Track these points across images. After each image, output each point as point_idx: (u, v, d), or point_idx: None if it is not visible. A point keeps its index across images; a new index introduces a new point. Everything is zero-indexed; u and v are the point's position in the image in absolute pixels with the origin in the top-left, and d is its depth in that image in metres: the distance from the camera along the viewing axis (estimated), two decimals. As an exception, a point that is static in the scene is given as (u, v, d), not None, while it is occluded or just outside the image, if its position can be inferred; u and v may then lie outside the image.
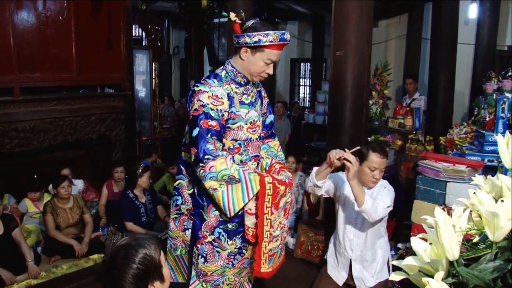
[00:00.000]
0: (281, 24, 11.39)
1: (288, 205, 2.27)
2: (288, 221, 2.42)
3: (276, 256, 2.27)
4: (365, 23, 3.59)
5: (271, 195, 2.12)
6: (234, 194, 2.07)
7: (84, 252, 4.16)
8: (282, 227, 2.25)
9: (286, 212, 2.27)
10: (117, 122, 5.48)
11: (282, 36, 2.13)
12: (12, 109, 4.58)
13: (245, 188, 2.08)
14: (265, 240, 2.17)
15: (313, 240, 3.92)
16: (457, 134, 4.08)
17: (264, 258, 2.21)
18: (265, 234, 2.16)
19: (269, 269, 2.25)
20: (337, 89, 3.69)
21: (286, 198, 2.22)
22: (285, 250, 2.47)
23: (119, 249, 1.58)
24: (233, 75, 2.24)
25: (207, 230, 2.27)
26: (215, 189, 2.06)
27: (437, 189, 3.19)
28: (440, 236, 0.90)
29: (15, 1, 4.51)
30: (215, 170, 2.04)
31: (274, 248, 2.23)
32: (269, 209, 2.13)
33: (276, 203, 2.16)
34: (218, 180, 2.05)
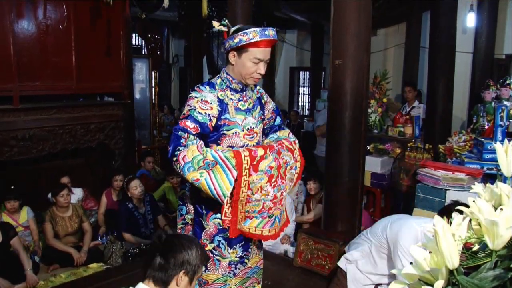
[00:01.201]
0: (280, 32, 11.44)
1: (274, 171, 2.14)
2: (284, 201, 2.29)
3: (254, 221, 2.15)
4: (363, 32, 3.60)
5: (248, 157, 2.06)
6: (217, 178, 1.99)
7: (83, 261, 4.15)
8: (265, 193, 2.13)
9: (271, 180, 2.13)
10: (116, 130, 5.48)
11: (262, 33, 2.10)
12: (12, 118, 4.59)
13: (225, 167, 2.00)
14: (241, 200, 2.09)
15: (313, 249, 3.90)
16: (456, 142, 4.09)
17: (240, 217, 2.14)
18: (242, 195, 2.07)
19: (246, 229, 2.15)
20: (336, 98, 3.70)
21: (267, 161, 2.11)
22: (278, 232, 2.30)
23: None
24: (228, 82, 2.24)
25: (207, 238, 2.25)
26: (197, 179, 1.98)
27: (437, 197, 3.19)
28: (440, 245, 0.90)
29: (16, 10, 4.53)
30: (188, 159, 1.98)
31: (252, 211, 2.14)
32: (246, 171, 2.05)
33: (255, 165, 2.07)
34: (196, 170, 1.97)
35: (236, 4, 4.75)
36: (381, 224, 2.78)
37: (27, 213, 4.46)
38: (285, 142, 2.28)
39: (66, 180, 4.73)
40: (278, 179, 2.17)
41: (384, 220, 2.83)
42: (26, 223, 4.41)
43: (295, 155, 2.28)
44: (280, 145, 2.22)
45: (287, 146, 2.25)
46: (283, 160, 2.19)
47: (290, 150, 2.25)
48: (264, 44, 2.12)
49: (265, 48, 2.14)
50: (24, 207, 4.47)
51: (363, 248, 2.85)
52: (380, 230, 2.74)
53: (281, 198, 2.22)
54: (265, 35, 2.10)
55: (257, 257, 2.44)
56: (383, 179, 5.04)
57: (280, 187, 2.19)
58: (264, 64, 2.18)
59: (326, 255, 3.71)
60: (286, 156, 2.21)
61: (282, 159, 2.18)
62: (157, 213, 4.73)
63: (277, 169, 2.15)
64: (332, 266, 3.63)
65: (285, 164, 2.20)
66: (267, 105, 2.46)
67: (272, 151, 2.15)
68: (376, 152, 5.26)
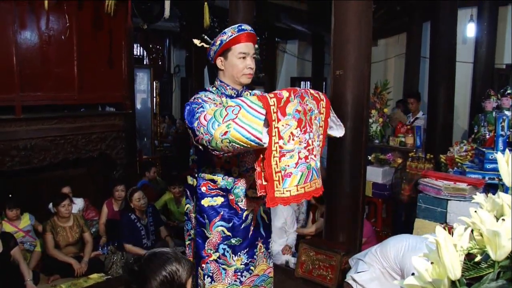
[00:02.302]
0: (281, 43, 11.50)
1: (302, 116, 1.92)
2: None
3: (294, 178, 1.90)
4: (364, 42, 3.62)
5: (274, 98, 1.86)
6: (244, 120, 1.81)
7: (84, 271, 4.13)
8: (297, 141, 1.90)
9: (301, 124, 1.91)
10: (118, 140, 5.49)
11: (239, 28, 2.16)
12: (14, 127, 4.60)
13: (248, 108, 1.83)
14: (274, 155, 1.86)
15: (314, 260, 3.89)
16: (458, 152, 4.08)
17: (277, 178, 1.89)
18: (274, 146, 1.85)
19: (285, 194, 1.90)
20: (337, 108, 3.70)
21: (293, 104, 1.90)
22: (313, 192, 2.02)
23: (157, 254, 1.62)
24: (223, 89, 2.24)
25: (210, 248, 2.22)
26: (225, 132, 1.81)
27: (438, 208, 3.18)
28: (442, 255, 0.89)
29: (19, 21, 4.56)
30: (209, 116, 1.88)
31: (289, 166, 1.89)
32: (275, 114, 1.85)
33: (282, 107, 1.86)
34: (222, 123, 1.82)
35: (237, 15, 4.79)
36: (395, 247, 2.68)
37: (29, 219, 4.49)
38: (311, 91, 2.07)
39: (67, 190, 4.73)
40: (307, 126, 1.96)
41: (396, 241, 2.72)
42: (27, 228, 4.42)
43: (320, 106, 2.06)
44: (304, 90, 2.00)
45: (312, 94, 2.03)
46: (308, 106, 1.98)
47: (315, 98, 2.04)
48: (244, 38, 2.16)
49: (247, 43, 2.17)
50: (25, 214, 4.51)
51: (374, 270, 2.79)
52: (393, 256, 2.66)
53: (313, 147, 1.98)
54: (242, 29, 2.17)
55: (264, 265, 2.41)
56: (384, 189, 5.03)
57: (310, 135, 1.97)
58: (251, 58, 2.19)
59: (328, 266, 3.69)
60: (310, 103, 2.00)
61: (306, 104, 1.96)
62: (159, 224, 4.72)
63: (304, 114, 1.94)
64: (334, 277, 3.62)
65: (310, 112, 1.99)
66: None
67: (296, 94, 1.93)
68: (377, 162, 5.26)
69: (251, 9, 4.89)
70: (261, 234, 2.36)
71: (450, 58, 5.67)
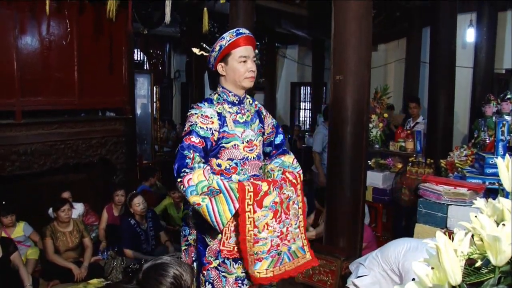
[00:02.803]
0: (281, 48, 11.52)
1: (278, 207, 2.11)
2: (291, 229, 2.21)
3: (264, 263, 2.10)
4: (364, 47, 3.63)
5: (251, 192, 2.03)
6: (219, 206, 1.98)
7: (83, 277, 4.12)
8: (271, 230, 2.10)
9: (276, 215, 2.11)
10: (118, 145, 5.50)
11: (237, 32, 2.20)
12: (14, 132, 4.60)
13: (228, 197, 2.00)
14: (248, 240, 2.05)
15: (315, 264, 3.88)
16: (458, 157, 4.08)
17: (250, 260, 2.09)
18: (248, 234, 2.04)
19: (255, 275, 2.09)
20: (337, 113, 3.71)
21: (272, 196, 2.08)
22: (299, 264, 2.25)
23: (155, 265, 1.60)
24: (225, 96, 2.26)
25: (211, 256, 2.21)
26: (198, 204, 1.97)
27: (439, 212, 3.18)
28: (442, 261, 0.89)
29: (20, 26, 4.57)
30: (193, 183, 1.98)
31: (261, 252, 2.09)
32: (250, 206, 2.03)
33: (259, 201, 2.05)
34: (199, 194, 1.97)
35: (237, 20, 4.80)
36: (395, 250, 2.67)
37: (23, 229, 4.42)
38: (289, 176, 2.24)
39: (67, 195, 4.72)
40: (283, 215, 2.15)
41: (397, 244, 2.71)
42: (21, 238, 4.36)
43: (297, 190, 2.23)
44: (283, 180, 2.18)
45: (290, 181, 2.21)
46: (285, 195, 2.16)
47: (293, 184, 2.21)
48: (243, 41, 2.19)
49: (247, 46, 2.20)
50: (21, 222, 4.42)
51: (374, 274, 2.78)
52: (393, 258, 2.65)
53: (287, 234, 2.17)
54: (240, 33, 2.20)
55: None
56: (384, 194, 5.03)
57: (285, 223, 2.16)
58: (251, 61, 2.21)
59: (328, 271, 3.69)
60: (288, 191, 2.18)
61: (283, 194, 2.14)
62: (159, 229, 4.71)
63: (281, 205, 2.13)
64: (334, 282, 3.61)
65: (287, 199, 2.17)
66: (266, 120, 2.45)
67: (276, 186, 2.12)
68: (377, 167, 5.26)
69: (251, 14, 4.91)
70: None
71: (450, 63, 5.68)
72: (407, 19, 8.18)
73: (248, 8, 4.84)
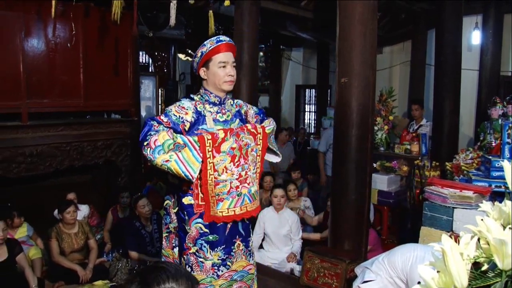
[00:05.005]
0: (286, 50, 11.52)
1: (236, 152, 2.32)
2: (254, 190, 2.44)
3: (225, 203, 2.34)
4: (369, 50, 3.62)
5: (210, 140, 2.24)
6: (186, 157, 2.15)
7: (88, 278, 4.13)
8: (230, 173, 2.32)
9: (234, 160, 2.32)
10: (123, 147, 5.51)
11: (217, 39, 2.37)
12: (20, 134, 4.63)
13: (192, 148, 2.18)
14: (209, 183, 2.28)
15: (319, 267, 3.87)
16: (463, 160, 4.06)
17: (212, 202, 2.32)
18: (209, 177, 2.27)
19: (218, 214, 2.33)
20: (343, 115, 3.70)
21: (229, 143, 2.29)
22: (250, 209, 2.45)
23: (156, 269, 1.58)
24: (207, 97, 2.45)
25: (190, 242, 2.41)
26: (167, 160, 2.13)
27: (444, 216, 3.16)
28: (448, 264, 0.89)
29: (26, 28, 4.60)
30: (159, 143, 2.14)
31: (222, 193, 2.32)
32: (210, 153, 2.25)
33: (217, 147, 2.26)
34: (166, 152, 2.13)
35: (242, 23, 4.81)
36: (402, 257, 2.61)
37: (27, 230, 4.47)
38: (248, 126, 2.43)
39: (72, 197, 4.73)
40: (241, 159, 2.36)
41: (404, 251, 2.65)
42: (24, 238, 4.39)
43: (257, 139, 2.43)
44: (240, 129, 2.38)
45: (248, 130, 2.40)
46: (243, 142, 2.36)
47: (252, 133, 2.40)
48: (223, 48, 2.37)
49: (226, 52, 2.38)
50: (24, 223, 4.48)
51: (381, 279, 2.75)
52: (400, 266, 2.62)
53: (246, 177, 2.38)
54: (220, 40, 2.38)
55: (243, 262, 2.55)
56: (390, 197, 5.01)
57: (244, 167, 2.37)
58: (231, 66, 2.40)
59: (333, 274, 3.67)
60: (246, 138, 2.37)
61: (242, 141, 2.35)
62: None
63: (239, 150, 2.34)
64: (339, 285, 3.60)
65: (246, 146, 2.37)
66: (249, 113, 2.63)
67: (232, 134, 2.32)
68: (382, 170, 5.24)
69: (256, 16, 4.91)
70: (239, 232, 2.51)
71: (455, 66, 5.66)
72: (412, 21, 8.15)
73: (253, 11, 4.85)
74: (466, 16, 6.42)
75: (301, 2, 6.77)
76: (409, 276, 2.56)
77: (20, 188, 4.84)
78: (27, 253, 4.17)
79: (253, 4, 4.84)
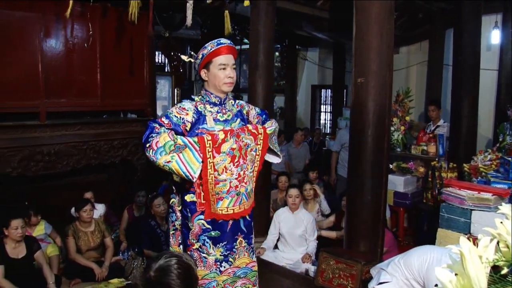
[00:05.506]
0: (302, 50, 11.49)
1: (236, 152, 2.39)
2: (249, 189, 2.52)
3: (225, 201, 2.42)
4: (386, 50, 3.59)
5: (210, 140, 2.31)
6: (186, 158, 2.23)
7: (104, 276, 4.17)
8: (230, 173, 2.39)
9: (234, 160, 2.39)
10: (139, 147, 5.54)
11: (218, 42, 2.44)
12: (38, 133, 4.69)
13: (192, 148, 2.26)
14: (210, 182, 2.36)
15: (334, 268, 3.85)
16: (482, 161, 4.00)
17: (213, 200, 2.40)
18: (209, 176, 2.35)
19: (218, 212, 2.42)
20: (359, 116, 3.68)
21: (229, 144, 2.36)
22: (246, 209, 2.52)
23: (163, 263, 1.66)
24: (208, 97, 2.52)
25: (193, 238, 2.48)
26: (168, 161, 2.21)
27: (462, 218, 3.12)
28: (466, 267, 0.87)
29: (45, 29, 4.66)
30: (160, 144, 2.22)
31: (222, 192, 2.40)
32: (210, 153, 2.32)
33: (217, 148, 2.33)
34: (168, 153, 2.22)
35: (258, 23, 4.81)
36: (418, 259, 2.59)
37: (45, 227, 4.55)
38: (249, 127, 2.51)
39: (89, 195, 4.79)
40: (240, 159, 2.43)
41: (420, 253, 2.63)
42: (42, 236, 4.46)
43: (257, 139, 2.50)
44: (240, 129, 2.45)
45: (249, 130, 2.47)
46: (244, 142, 2.43)
47: (252, 134, 2.47)
48: (223, 51, 2.44)
49: (227, 55, 2.45)
50: (42, 221, 4.56)
51: (397, 281, 2.72)
52: (417, 268, 2.59)
53: (244, 176, 2.46)
54: (221, 43, 2.44)
55: (246, 259, 2.61)
56: (406, 198, 4.97)
57: (243, 166, 2.45)
58: (230, 68, 2.46)
59: (348, 275, 3.65)
60: (246, 139, 2.45)
61: (242, 141, 2.42)
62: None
63: (239, 150, 2.41)
64: (354, 286, 3.57)
65: (246, 146, 2.45)
66: (250, 113, 2.70)
67: (232, 135, 2.39)
68: (399, 171, 5.20)
69: (272, 16, 4.90)
70: (241, 229, 2.57)
71: (474, 66, 5.59)
72: (429, 21, 8.07)
73: (269, 11, 4.84)
74: (486, 15, 6.32)
75: (317, 2, 6.74)
76: (426, 278, 2.54)
77: (37, 187, 4.91)
78: (45, 251, 4.24)
79: (269, 4, 4.83)
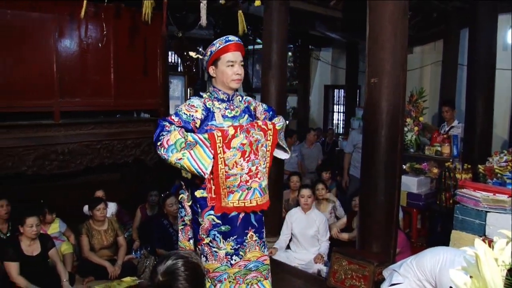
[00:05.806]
0: (315, 50, 11.46)
1: (247, 148, 2.40)
2: (263, 185, 2.51)
3: (236, 195, 2.43)
4: (399, 50, 3.57)
5: (220, 136, 2.34)
6: (198, 155, 2.27)
7: (117, 274, 4.20)
8: (240, 168, 2.41)
9: (245, 155, 2.41)
10: (152, 146, 5.57)
11: (226, 39, 2.45)
12: (53, 132, 4.74)
13: (203, 145, 2.30)
14: (220, 177, 2.39)
15: (347, 269, 3.83)
16: (497, 163, 3.95)
17: (224, 194, 2.42)
18: (220, 171, 2.38)
19: (229, 205, 2.44)
20: (372, 116, 3.65)
21: (239, 139, 2.38)
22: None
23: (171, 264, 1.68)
24: (216, 94, 2.54)
25: (203, 233, 2.50)
26: (180, 159, 2.25)
27: (477, 219, 3.09)
28: (482, 270, 0.86)
29: (59, 29, 4.71)
30: (171, 142, 2.26)
31: (233, 186, 2.42)
32: (220, 148, 2.35)
33: (227, 143, 2.36)
34: (179, 150, 2.25)
35: (271, 22, 4.80)
36: (431, 260, 2.58)
37: (59, 226, 4.60)
38: (259, 122, 2.52)
39: (101, 194, 4.81)
40: (252, 155, 2.44)
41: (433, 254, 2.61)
42: (57, 234, 4.51)
43: (267, 135, 2.51)
44: (250, 125, 2.46)
45: (259, 126, 2.48)
46: (254, 138, 2.44)
47: (262, 129, 2.48)
48: (231, 48, 2.45)
49: (235, 52, 2.46)
50: (56, 219, 4.62)
51: (409, 282, 2.70)
52: (429, 269, 2.57)
53: (257, 172, 2.46)
54: (229, 40, 2.46)
55: (257, 252, 2.60)
56: (419, 199, 4.92)
57: (255, 162, 2.45)
58: (238, 65, 2.48)
59: (361, 276, 3.63)
60: (256, 134, 2.45)
61: (252, 137, 2.43)
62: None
63: (249, 146, 2.42)
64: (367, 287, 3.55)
65: (256, 142, 2.45)
66: (257, 109, 2.72)
67: (242, 130, 2.41)
68: (412, 172, 5.16)
69: (285, 16, 4.90)
70: (252, 224, 2.57)
71: (489, 66, 5.53)
72: (444, 20, 7.98)
73: (282, 10, 4.83)
74: (502, 15, 6.23)
75: (330, 1, 6.72)
76: (438, 279, 2.51)
77: (52, 185, 4.96)
78: (59, 248, 4.28)
79: (282, 4, 4.83)
